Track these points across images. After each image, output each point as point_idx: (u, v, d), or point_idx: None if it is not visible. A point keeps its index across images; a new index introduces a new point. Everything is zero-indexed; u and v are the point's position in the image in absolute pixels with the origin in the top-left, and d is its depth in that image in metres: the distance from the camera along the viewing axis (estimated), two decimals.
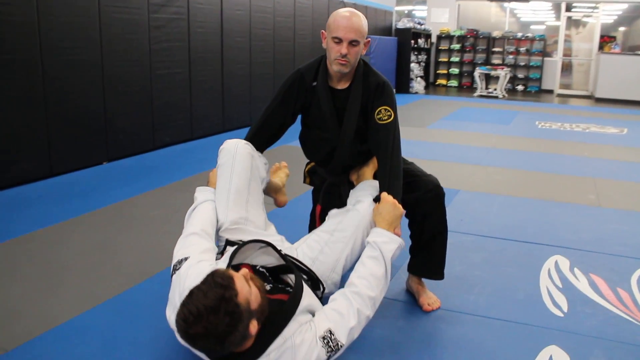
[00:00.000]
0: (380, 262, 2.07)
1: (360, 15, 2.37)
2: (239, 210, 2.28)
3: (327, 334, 1.83)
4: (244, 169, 2.34)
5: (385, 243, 2.12)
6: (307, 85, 2.50)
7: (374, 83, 2.45)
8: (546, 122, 8.71)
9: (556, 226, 3.70)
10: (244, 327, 1.63)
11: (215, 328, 1.57)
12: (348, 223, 2.28)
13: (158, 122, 5.85)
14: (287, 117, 2.56)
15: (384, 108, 2.43)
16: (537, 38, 14.21)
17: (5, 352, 2.11)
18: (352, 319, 1.91)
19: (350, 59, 2.35)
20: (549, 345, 2.25)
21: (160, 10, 5.69)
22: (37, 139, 4.49)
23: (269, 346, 1.74)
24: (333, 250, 2.25)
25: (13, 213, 3.76)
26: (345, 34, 2.31)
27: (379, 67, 11.32)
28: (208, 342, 1.60)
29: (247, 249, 2.09)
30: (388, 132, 2.41)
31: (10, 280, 2.75)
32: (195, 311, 1.56)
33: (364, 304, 1.96)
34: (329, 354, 1.82)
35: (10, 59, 4.20)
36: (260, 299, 1.71)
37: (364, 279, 2.02)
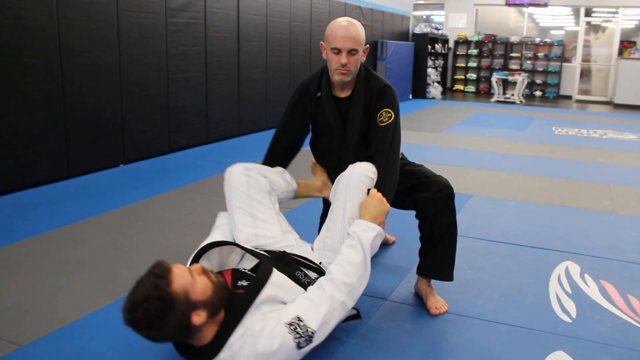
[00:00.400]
0: (358, 250, 2.10)
1: (356, 24, 2.43)
2: (247, 229, 2.35)
3: (295, 320, 1.86)
4: (240, 191, 2.38)
5: (364, 231, 2.15)
6: (312, 96, 2.58)
7: (376, 87, 2.50)
8: (563, 128, 8.65)
9: (568, 232, 3.69)
10: (181, 314, 1.72)
11: (147, 313, 1.67)
12: (339, 188, 2.33)
13: (174, 125, 5.92)
14: (300, 130, 2.65)
15: (385, 110, 2.48)
16: (556, 43, 14.13)
17: (19, 348, 2.16)
18: (323, 305, 1.93)
19: (351, 68, 2.41)
20: (556, 351, 2.25)
21: (177, 14, 5.77)
22: (55, 141, 4.58)
23: (230, 337, 1.80)
24: (335, 221, 2.30)
25: (32, 213, 3.84)
26: (343, 44, 2.37)
27: (396, 72, 11.36)
28: (144, 328, 1.72)
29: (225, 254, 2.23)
30: (387, 132, 2.46)
31: (27, 277, 2.82)
32: (133, 299, 1.69)
33: (337, 289, 1.99)
34: (298, 340, 1.84)
35: (30, 62, 4.30)
36: (210, 292, 1.78)
37: (339, 265, 2.07)
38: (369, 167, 2.37)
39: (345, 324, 2.30)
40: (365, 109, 2.51)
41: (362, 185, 2.30)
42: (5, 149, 4.18)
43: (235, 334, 1.80)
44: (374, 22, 10.96)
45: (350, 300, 2.04)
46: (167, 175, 5.01)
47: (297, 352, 1.86)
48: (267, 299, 1.90)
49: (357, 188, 2.29)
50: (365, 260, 2.11)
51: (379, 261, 3.08)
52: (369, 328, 2.38)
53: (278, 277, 1.99)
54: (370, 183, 2.32)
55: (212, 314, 1.80)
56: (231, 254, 2.26)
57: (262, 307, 1.87)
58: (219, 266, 2.21)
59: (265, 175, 2.49)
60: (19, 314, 2.44)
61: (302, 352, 1.89)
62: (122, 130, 5.25)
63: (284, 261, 2.18)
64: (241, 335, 1.81)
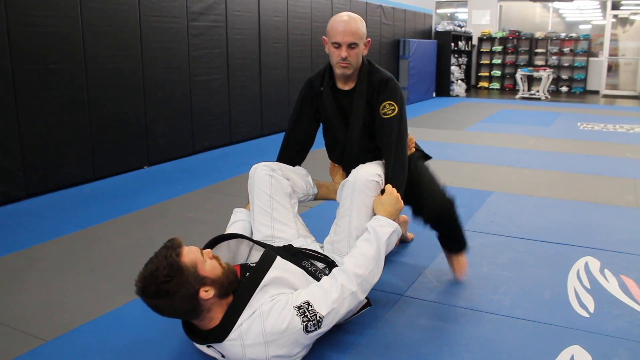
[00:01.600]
0: (373, 244, 2.16)
1: (356, 18, 2.48)
2: (264, 229, 2.43)
3: (304, 304, 1.91)
4: (262, 191, 2.46)
5: (381, 227, 2.21)
6: (316, 90, 2.66)
7: (378, 80, 2.54)
8: (588, 124, 8.53)
9: (589, 227, 3.66)
10: (188, 285, 1.78)
11: (156, 280, 1.75)
12: (344, 194, 2.38)
13: (197, 127, 6.02)
14: (309, 124, 2.74)
15: (388, 103, 2.51)
16: (582, 38, 13.92)
17: (45, 342, 2.25)
18: (334, 292, 1.99)
19: (352, 61, 2.47)
20: (572, 345, 2.24)
21: (199, 18, 5.87)
22: (81, 144, 4.70)
23: (238, 318, 1.85)
24: (342, 226, 2.36)
25: (59, 214, 3.95)
26: (342, 38, 2.43)
27: (419, 70, 11.33)
28: (151, 296, 1.79)
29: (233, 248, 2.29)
30: (392, 126, 2.50)
31: (54, 275, 2.92)
32: (144, 270, 1.78)
33: (348, 279, 2.04)
34: (305, 323, 1.89)
35: (57, 68, 4.43)
36: (219, 273, 1.87)
37: (352, 257, 2.13)
38: (372, 170, 2.38)
39: (359, 316, 2.34)
40: (367, 102, 2.56)
41: (367, 189, 2.33)
42: (33, 153, 4.31)
43: (243, 315, 1.86)
44: (396, 20, 10.95)
45: (361, 291, 2.08)
46: (190, 176, 5.10)
47: (304, 335, 1.91)
48: (273, 281, 1.95)
49: (362, 193, 2.32)
50: (378, 254, 2.15)
51: (397, 258, 3.10)
52: (384, 322, 2.41)
53: (282, 262, 2.05)
54: (375, 187, 2.35)
55: (220, 294, 1.87)
56: (239, 247, 2.32)
57: (268, 289, 1.93)
58: (229, 260, 2.26)
59: (289, 177, 2.55)
60: (45, 310, 2.53)
61: (310, 336, 1.94)
62: (145, 133, 5.35)
63: (290, 252, 2.24)
64: (249, 315, 1.86)
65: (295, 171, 2.64)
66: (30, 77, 4.23)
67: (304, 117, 2.74)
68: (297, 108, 2.75)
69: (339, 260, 2.32)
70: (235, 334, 1.86)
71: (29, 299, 2.64)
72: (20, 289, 2.76)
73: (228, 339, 1.87)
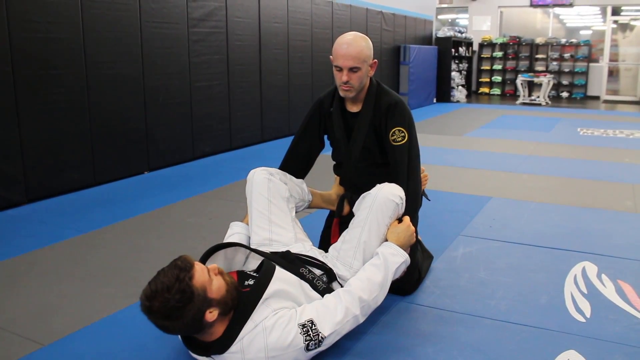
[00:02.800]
0: (381, 271, 2.19)
1: (360, 40, 2.46)
2: (262, 232, 2.43)
3: (308, 323, 1.92)
4: (261, 194, 2.47)
5: (393, 255, 2.24)
6: (325, 111, 2.67)
7: (386, 104, 2.54)
8: (588, 129, 8.54)
9: (588, 232, 3.67)
10: (197, 309, 1.78)
11: (167, 303, 1.73)
12: (363, 206, 2.38)
13: (197, 132, 6.04)
14: (314, 143, 2.75)
15: (398, 129, 2.51)
16: (582, 43, 13.95)
17: (43, 347, 2.26)
18: (339, 314, 2.00)
19: (354, 84, 2.47)
20: (567, 350, 2.25)
21: (199, 24, 5.90)
22: (82, 150, 4.73)
23: (240, 331, 1.86)
24: (352, 236, 2.36)
25: (59, 219, 3.97)
26: (343, 62, 2.42)
27: (419, 76, 11.35)
28: (160, 317, 1.77)
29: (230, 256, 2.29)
30: (403, 153, 2.51)
31: (53, 279, 2.93)
32: (154, 287, 1.75)
33: (353, 302, 2.06)
34: (308, 342, 1.91)
35: (58, 74, 4.46)
36: (224, 292, 1.86)
37: (359, 280, 2.14)
38: (396, 191, 2.36)
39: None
40: (374, 125, 2.56)
41: (385, 208, 2.32)
42: (34, 158, 4.33)
43: (245, 329, 1.87)
44: (396, 27, 10.98)
45: (362, 315, 2.12)
46: (190, 181, 5.12)
47: (305, 353, 1.93)
48: (274, 294, 1.96)
49: (380, 210, 2.32)
50: (385, 281, 2.19)
51: None
52: (382, 327, 2.42)
53: (282, 273, 2.06)
54: (394, 208, 2.34)
55: (224, 312, 1.88)
56: (236, 255, 2.33)
57: (270, 302, 1.93)
58: (225, 267, 2.27)
59: (286, 182, 2.57)
60: (44, 315, 2.54)
61: (309, 354, 1.96)
62: (146, 138, 5.38)
63: (287, 259, 2.24)
64: (251, 329, 1.87)
65: (291, 178, 2.66)
66: (31, 82, 4.26)
67: (309, 136, 2.74)
68: (304, 126, 2.75)
69: (340, 268, 2.34)
70: (237, 347, 1.87)
71: (28, 304, 2.65)
72: (19, 293, 2.77)
73: (229, 352, 1.88)
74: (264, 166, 2.60)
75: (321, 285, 2.19)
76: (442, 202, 4.25)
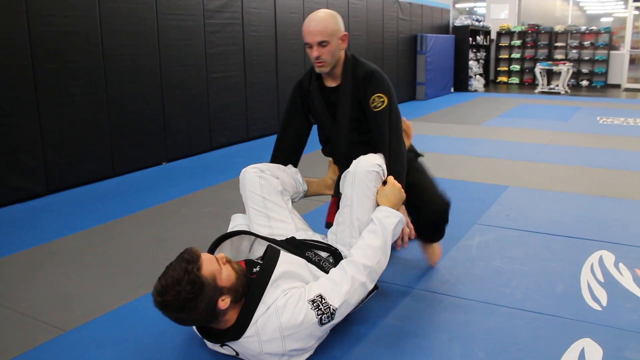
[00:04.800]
0: (379, 235, 2.20)
1: (326, 15, 2.51)
2: (262, 229, 2.45)
3: (317, 298, 1.95)
4: (254, 193, 2.48)
5: (386, 217, 2.25)
6: (305, 89, 2.69)
7: (362, 73, 2.56)
8: (608, 118, 8.43)
9: (605, 221, 3.64)
10: (209, 299, 1.81)
11: (179, 296, 1.76)
12: (346, 185, 2.40)
13: (214, 123, 6.08)
14: (301, 124, 2.76)
15: (377, 95, 2.53)
16: (603, 31, 13.72)
17: (64, 332, 2.32)
18: (345, 284, 2.03)
19: (326, 59, 2.50)
20: (582, 338, 2.24)
21: (215, 16, 5.92)
22: (100, 141, 4.79)
23: (253, 316, 1.88)
24: (344, 217, 2.39)
25: (79, 210, 4.04)
26: (311, 38, 2.47)
27: (436, 65, 11.28)
28: (174, 310, 1.81)
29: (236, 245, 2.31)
30: (384, 118, 2.51)
31: (73, 268, 2.99)
32: (164, 282, 1.78)
33: (357, 270, 2.08)
34: (320, 316, 1.93)
35: (76, 67, 4.51)
36: (234, 279, 1.89)
37: (360, 248, 2.16)
38: (373, 160, 2.38)
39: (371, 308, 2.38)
40: (354, 96, 2.58)
41: (367, 180, 2.34)
42: (54, 150, 4.40)
43: (257, 312, 1.90)
44: (413, 16, 10.91)
45: (370, 281, 2.13)
46: (207, 172, 5.16)
47: (319, 327, 1.95)
48: (282, 275, 1.98)
49: (362, 184, 2.34)
50: (385, 244, 2.20)
51: (409, 252, 3.11)
52: (396, 314, 2.43)
53: (287, 256, 2.08)
54: (375, 177, 2.36)
55: (236, 300, 1.91)
56: (242, 243, 2.35)
57: (279, 284, 1.96)
58: (233, 257, 2.29)
59: (278, 176, 2.57)
60: (65, 302, 2.60)
61: (324, 328, 1.99)
62: (164, 129, 5.43)
63: (293, 245, 2.27)
64: (264, 312, 1.89)
65: (284, 170, 2.66)
66: (50, 76, 4.32)
67: (295, 118, 2.76)
68: (288, 110, 2.78)
69: (343, 249, 2.36)
70: (252, 331, 1.89)
71: (50, 291, 2.72)
72: (42, 281, 2.84)
73: (245, 337, 1.90)
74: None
75: (328, 266, 2.21)
76: (458, 191, 4.24)
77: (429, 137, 6.67)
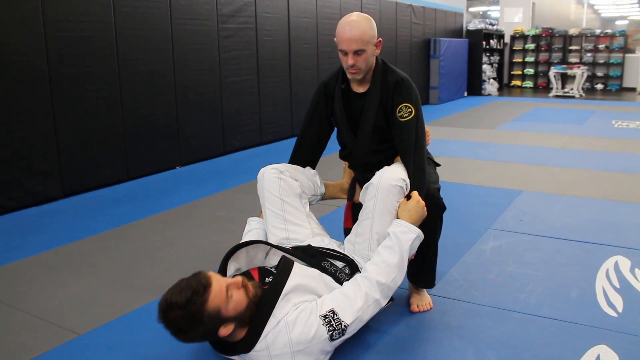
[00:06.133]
0: (395, 252, 2.15)
1: (362, 21, 2.39)
2: (278, 232, 2.40)
3: (329, 313, 1.92)
4: (272, 194, 2.42)
5: (404, 233, 2.19)
6: (330, 92, 2.62)
7: (392, 81, 2.49)
8: (623, 121, 8.36)
9: (621, 226, 3.60)
10: (208, 329, 1.82)
11: (177, 322, 1.79)
12: (368, 197, 2.34)
13: (228, 128, 6.11)
14: (322, 127, 2.68)
15: (405, 105, 2.46)
16: (618, 34, 13.62)
17: (78, 336, 2.33)
18: (358, 301, 2.00)
19: (360, 67, 2.42)
20: (598, 345, 2.22)
21: (229, 20, 5.95)
22: (115, 145, 4.83)
23: (263, 329, 1.87)
24: (363, 229, 2.34)
25: (94, 213, 4.07)
26: (348, 45, 2.36)
27: (449, 69, 11.25)
28: (172, 331, 1.83)
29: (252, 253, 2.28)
30: (410, 129, 2.45)
31: (87, 271, 3.01)
32: (168, 300, 1.79)
33: (372, 287, 2.05)
34: (331, 332, 1.91)
35: (91, 72, 4.56)
36: (243, 308, 1.87)
37: (375, 265, 2.12)
38: (397, 174, 2.32)
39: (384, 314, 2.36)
40: (382, 104, 2.52)
41: (390, 195, 2.28)
42: (69, 155, 4.44)
43: (268, 326, 1.88)
44: (426, 20, 10.89)
45: (384, 297, 2.10)
46: (220, 176, 5.18)
47: (329, 343, 1.94)
48: (294, 289, 1.96)
49: (385, 198, 2.28)
50: (401, 261, 2.15)
51: None
52: (409, 320, 2.42)
53: (300, 269, 2.07)
54: (399, 192, 2.29)
55: (241, 325, 1.90)
56: (258, 251, 2.31)
57: (291, 297, 1.94)
58: (247, 265, 2.27)
59: (297, 177, 2.52)
60: (79, 305, 2.62)
61: (335, 343, 1.97)
62: (177, 134, 5.46)
63: (309, 254, 2.25)
64: (274, 326, 1.88)
65: (303, 172, 2.60)
66: (65, 80, 4.37)
67: (316, 120, 2.68)
68: (310, 111, 2.70)
69: (359, 260, 2.33)
70: (262, 345, 1.88)
71: (64, 295, 2.74)
72: (56, 284, 2.86)
73: (254, 350, 1.89)
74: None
75: (344, 277, 2.19)
76: (472, 196, 4.22)
77: (442, 141, 6.64)
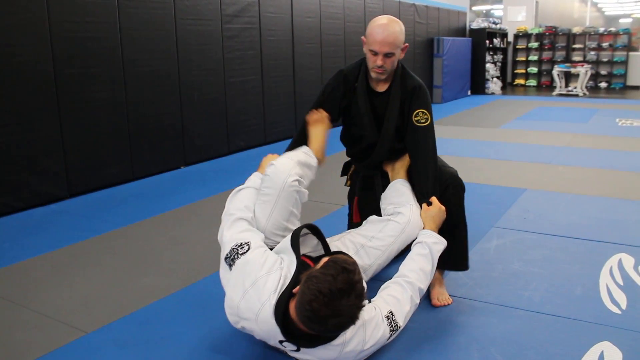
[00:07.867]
0: (429, 261, 2.29)
1: (396, 26, 2.46)
2: (276, 238, 2.29)
3: (390, 314, 2.05)
4: (285, 207, 2.27)
5: (435, 244, 2.33)
6: (350, 85, 2.64)
7: (411, 86, 2.56)
8: (627, 120, 8.35)
9: (624, 224, 3.61)
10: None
11: (350, 309, 1.75)
12: (388, 233, 2.39)
13: (232, 127, 6.13)
14: (332, 113, 2.64)
15: (422, 111, 2.54)
16: (621, 32, 13.59)
17: (86, 334, 2.36)
18: (406, 304, 2.14)
19: (387, 68, 2.49)
20: (602, 342, 2.23)
21: (232, 20, 5.98)
22: (120, 145, 4.86)
23: None
24: (369, 255, 2.37)
25: (100, 213, 4.10)
26: (380, 47, 2.43)
27: (453, 68, 11.25)
28: (341, 321, 1.77)
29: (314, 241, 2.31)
30: (427, 135, 2.53)
31: (94, 270, 3.04)
32: (328, 294, 1.70)
33: (415, 292, 2.19)
34: (392, 332, 2.05)
35: (96, 72, 4.59)
36: None
37: (415, 272, 2.24)
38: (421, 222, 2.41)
39: None
40: (401, 105, 2.58)
41: (409, 239, 2.39)
42: (75, 155, 4.47)
43: None
44: (429, 19, 10.90)
45: (419, 302, 2.25)
46: (225, 175, 5.20)
47: (386, 342, 2.07)
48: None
49: (405, 241, 2.39)
50: (432, 270, 2.31)
51: None
52: (414, 316, 2.42)
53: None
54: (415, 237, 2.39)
55: None
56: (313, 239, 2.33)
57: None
58: (313, 250, 2.31)
59: (308, 179, 2.42)
60: (86, 304, 2.64)
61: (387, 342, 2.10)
62: (182, 134, 5.49)
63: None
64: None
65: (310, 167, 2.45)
66: (71, 81, 4.40)
67: (328, 106, 2.63)
68: (323, 96, 2.65)
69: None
70: (340, 340, 1.92)
71: (71, 293, 2.76)
72: (63, 283, 2.88)
73: (331, 344, 1.91)
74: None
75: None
76: (476, 194, 4.23)
77: (446, 140, 6.64)
